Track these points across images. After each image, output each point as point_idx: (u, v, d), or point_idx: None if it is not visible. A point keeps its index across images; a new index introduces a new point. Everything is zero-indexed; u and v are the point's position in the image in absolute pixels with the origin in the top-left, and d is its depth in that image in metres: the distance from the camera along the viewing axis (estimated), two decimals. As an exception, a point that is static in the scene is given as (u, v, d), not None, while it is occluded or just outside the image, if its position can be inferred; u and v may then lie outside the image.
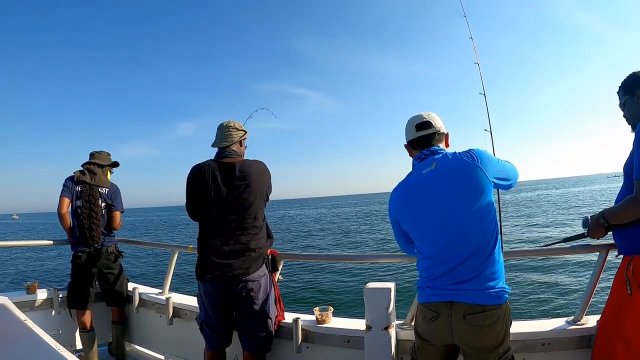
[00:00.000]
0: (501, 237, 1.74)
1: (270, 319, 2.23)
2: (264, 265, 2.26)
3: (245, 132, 2.38)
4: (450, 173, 1.53)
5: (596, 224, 1.69)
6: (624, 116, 1.77)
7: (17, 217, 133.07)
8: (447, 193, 1.52)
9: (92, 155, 3.40)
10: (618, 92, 1.80)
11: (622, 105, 1.77)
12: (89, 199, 3.20)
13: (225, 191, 2.16)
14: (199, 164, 2.25)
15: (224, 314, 2.24)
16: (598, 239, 1.75)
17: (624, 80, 1.76)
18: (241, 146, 2.37)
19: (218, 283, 2.18)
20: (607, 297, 1.75)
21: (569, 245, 1.94)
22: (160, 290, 3.14)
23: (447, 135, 1.71)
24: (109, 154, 3.48)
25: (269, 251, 2.36)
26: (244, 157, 2.32)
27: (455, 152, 1.60)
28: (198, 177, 2.20)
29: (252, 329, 2.19)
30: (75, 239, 3.19)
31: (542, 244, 2.23)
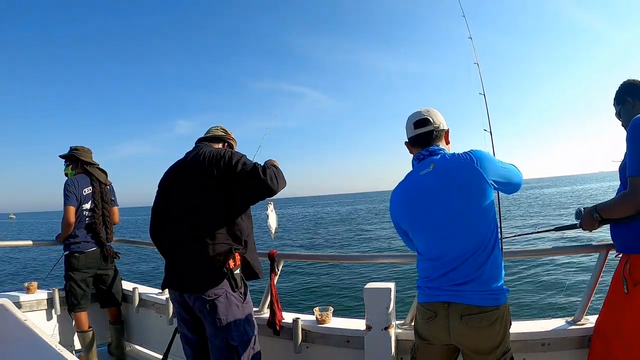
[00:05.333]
0: (501, 238, 1.74)
1: (235, 346, 1.81)
2: (227, 280, 1.81)
3: (233, 139, 2.16)
4: (448, 175, 1.52)
5: (589, 217, 1.71)
6: (622, 125, 1.82)
7: (14, 216, 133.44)
8: (445, 195, 1.51)
9: (78, 152, 3.25)
10: (613, 104, 1.88)
11: (618, 115, 1.86)
12: (103, 197, 3.24)
13: (177, 186, 1.91)
14: None
15: (193, 328, 1.94)
16: (590, 231, 1.77)
17: (616, 91, 1.85)
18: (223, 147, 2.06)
19: (175, 294, 1.92)
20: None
21: (569, 245, 1.95)
22: (160, 290, 3.14)
23: (447, 132, 1.68)
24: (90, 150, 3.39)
25: (274, 253, 2.27)
26: None
27: (454, 153, 1.58)
28: (162, 179, 1.99)
29: (214, 355, 1.85)
30: (75, 240, 3.12)
31: (533, 229, 2.23)
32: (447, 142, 1.69)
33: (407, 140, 1.72)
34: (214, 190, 1.81)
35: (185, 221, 1.85)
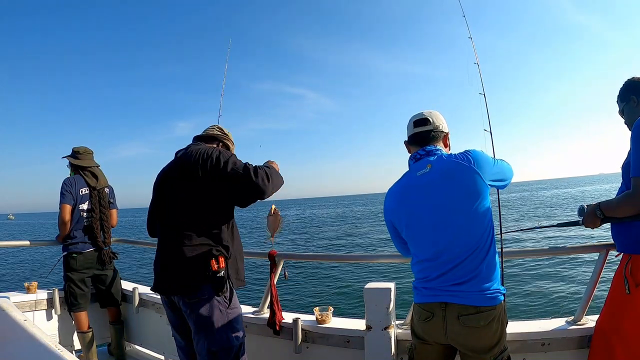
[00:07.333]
0: (501, 238, 1.74)
1: (215, 352, 1.74)
2: (210, 282, 1.73)
3: (230, 140, 2.04)
4: (445, 176, 1.51)
5: (592, 215, 1.71)
6: (625, 123, 1.82)
7: (13, 217, 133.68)
8: (442, 197, 1.50)
9: (77, 154, 3.27)
10: (617, 101, 1.87)
11: (621, 112, 1.85)
12: (101, 202, 3.23)
13: (165, 186, 1.86)
14: None
15: (181, 332, 1.90)
16: (593, 228, 1.77)
17: (620, 88, 1.84)
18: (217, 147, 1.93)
19: (163, 298, 1.90)
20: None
21: (569, 246, 1.95)
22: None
23: (446, 135, 1.68)
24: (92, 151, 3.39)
25: (274, 253, 2.26)
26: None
27: (450, 154, 1.57)
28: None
29: (199, 359, 1.82)
30: (73, 240, 3.13)
31: (536, 226, 2.24)
32: (446, 146, 1.68)
33: (406, 140, 1.72)
34: (197, 191, 1.75)
35: (169, 221, 1.83)
